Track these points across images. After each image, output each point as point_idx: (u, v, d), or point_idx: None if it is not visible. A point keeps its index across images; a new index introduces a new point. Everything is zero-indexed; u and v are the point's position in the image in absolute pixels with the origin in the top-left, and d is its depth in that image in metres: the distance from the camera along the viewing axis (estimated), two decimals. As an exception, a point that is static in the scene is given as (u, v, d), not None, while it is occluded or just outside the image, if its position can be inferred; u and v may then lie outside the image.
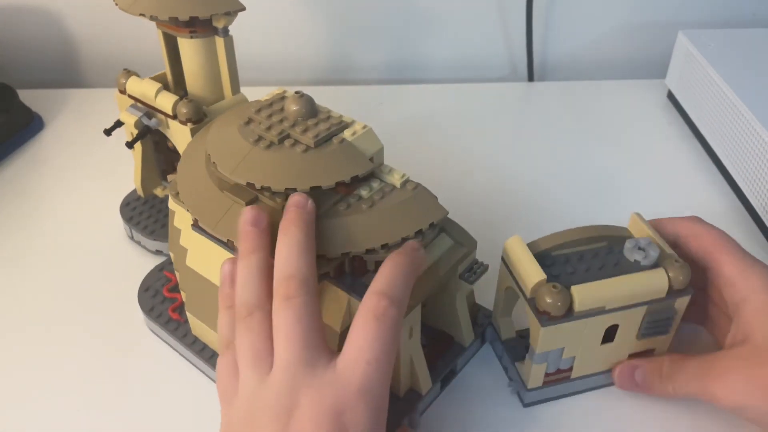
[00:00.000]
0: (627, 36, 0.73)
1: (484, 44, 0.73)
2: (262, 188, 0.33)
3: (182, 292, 0.40)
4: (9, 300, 0.46)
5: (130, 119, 0.44)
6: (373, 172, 0.35)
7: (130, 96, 0.45)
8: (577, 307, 0.33)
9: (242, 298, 0.30)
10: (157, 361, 0.41)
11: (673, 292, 0.34)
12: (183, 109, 0.42)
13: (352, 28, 0.73)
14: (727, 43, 0.60)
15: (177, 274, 0.40)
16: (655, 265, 0.34)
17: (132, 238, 0.49)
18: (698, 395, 0.34)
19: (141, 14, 0.40)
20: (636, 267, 0.34)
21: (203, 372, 0.40)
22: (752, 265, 0.34)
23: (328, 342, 0.29)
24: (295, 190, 0.32)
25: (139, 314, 0.43)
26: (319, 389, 0.27)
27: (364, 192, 0.34)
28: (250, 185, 0.33)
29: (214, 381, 0.38)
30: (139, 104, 0.45)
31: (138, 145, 0.48)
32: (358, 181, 0.34)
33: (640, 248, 0.34)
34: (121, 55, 0.73)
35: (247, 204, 0.33)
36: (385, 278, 0.30)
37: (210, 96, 0.45)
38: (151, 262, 0.46)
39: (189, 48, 0.43)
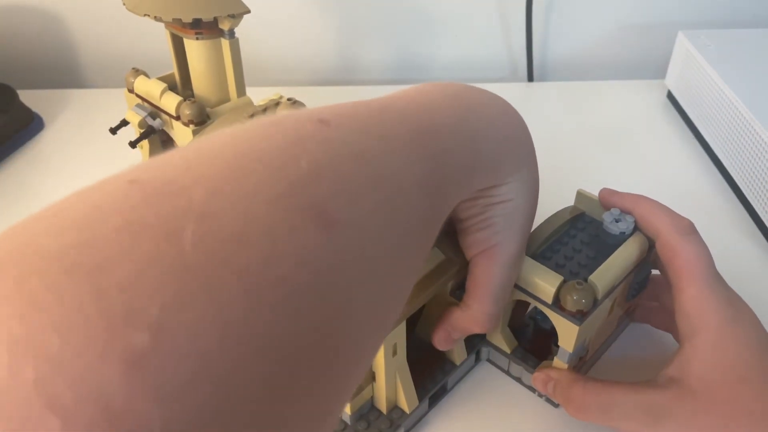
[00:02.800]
0: (627, 36, 0.73)
1: (484, 45, 0.73)
2: None
3: None
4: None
5: (134, 118, 0.44)
6: None
7: (137, 95, 0.46)
8: (600, 294, 0.33)
9: None
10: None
11: (649, 249, 0.36)
12: (186, 111, 0.42)
13: (354, 29, 0.73)
14: (726, 44, 0.61)
15: None
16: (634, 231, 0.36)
17: None
18: (618, 429, 0.33)
19: (146, 15, 0.41)
20: (621, 237, 0.35)
21: None
22: (713, 299, 0.32)
23: None
24: None
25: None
26: None
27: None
28: None
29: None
30: (145, 104, 0.45)
31: (146, 144, 0.48)
32: None
33: (617, 220, 0.35)
34: (121, 56, 0.73)
35: None
36: None
37: (215, 97, 0.45)
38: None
39: (195, 49, 0.43)
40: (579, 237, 0.36)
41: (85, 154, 0.60)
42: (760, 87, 0.54)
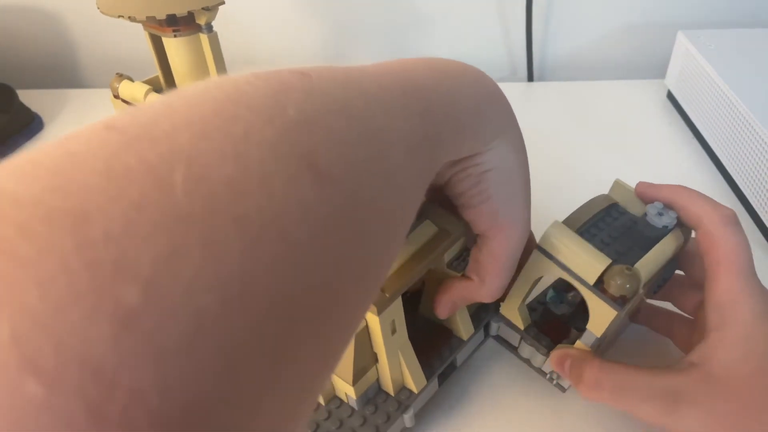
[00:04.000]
0: (627, 36, 0.73)
1: (483, 44, 0.73)
2: None
3: None
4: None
5: None
6: None
7: (123, 100, 0.45)
8: (642, 283, 0.32)
9: None
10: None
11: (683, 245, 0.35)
12: None
13: (350, 28, 0.73)
14: (726, 43, 0.60)
15: None
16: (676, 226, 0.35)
17: None
18: (634, 412, 0.31)
19: (120, 16, 0.40)
20: (663, 231, 0.34)
21: None
22: (748, 292, 0.31)
23: None
24: None
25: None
26: None
27: None
28: None
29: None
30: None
31: None
32: None
33: (660, 214, 0.34)
34: (121, 56, 0.73)
35: None
36: None
37: None
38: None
39: (174, 47, 0.43)
40: (614, 226, 0.35)
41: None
42: (760, 87, 0.54)
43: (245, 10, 0.69)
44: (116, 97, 0.46)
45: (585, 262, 0.32)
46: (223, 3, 0.42)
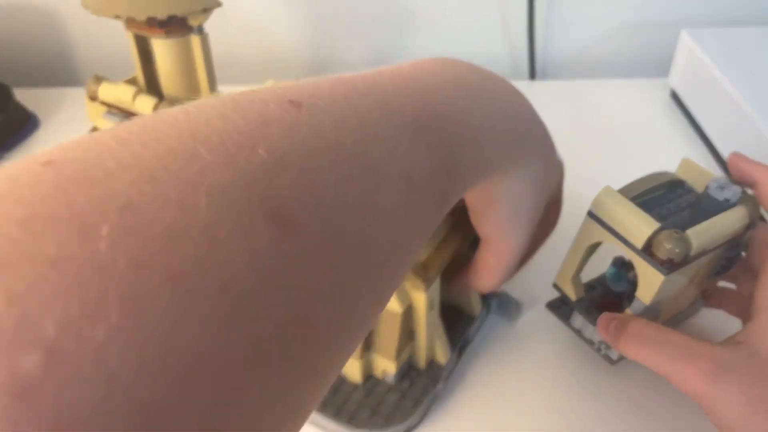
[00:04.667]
0: (630, 34, 0.73)
1: (485, 43, 0.73)
2: None
3: None
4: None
5: (109, 126, 0.43)
6: None
7: (103, 103, 0.44)
8: (694, 251, 0.31)
9: None
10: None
11: (750, 227, 0.34)
12: None
13: (346, 27, 0.72)
14: (730, 42, 0.60)
15: None
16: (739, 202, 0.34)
17: None
18: (671, 375, 0.29)
19: (116, 16, 0.39)
20: (724, 205, 0.33)
21: None
22: None
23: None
24: None
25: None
26: None
27: None
28: None
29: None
30: (113, 110, 0.44)
31: None
32: None
33: (722, 187, 0.33)
34: (117, 55, 0.72)
35: None
36: None
37: (186, 96, 0.45)
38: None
39: (164, 49, 0.43)
40: (676, 202, 0.35)
41: (81, 154, 0.60)
42: (764, 85, 0.53)
43: (234, 9, 0.69)
44: (93, 99, 0.45)
45: (633, 226, 0.32)
46: (220, 5, 0.42)
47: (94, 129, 0.44)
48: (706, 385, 0.28)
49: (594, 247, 0.35)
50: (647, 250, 0.32)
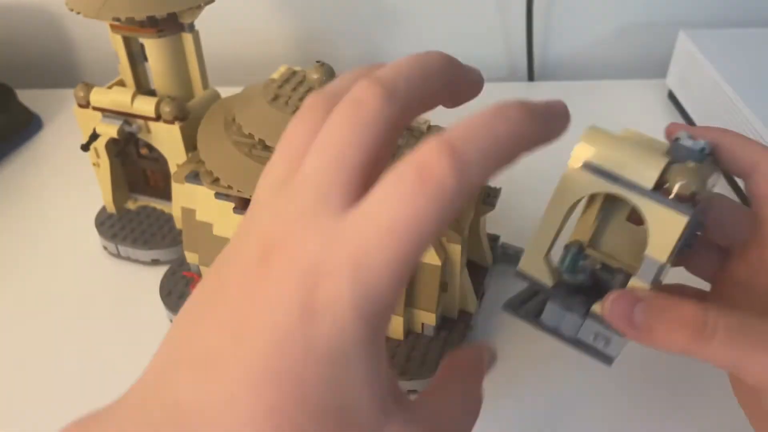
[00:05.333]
0: (627, 35, 0.73)
1: (483, 44, 0.73)
2: None
3: None
4: (10, 304, 0.46)
5: (109, 129, 0.43)
6: None
7: (95, 108, 0.44)
8: (708, 186, 0.25)
9: (333, 83, 0.22)
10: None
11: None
12: (167, 108, 0.42)
13: (339, 28, 0.72)
14: (728, 43, 0.60)
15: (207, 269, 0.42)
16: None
17: (119, 254, 0.48)
18: (745, 368, 0.22)
19: (115, 18, 0.39)
20: (702, 155, 0.27)
21: None
22: None
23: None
24: None
25: (155, 322, 0.43)
26: (311, 236, 0.18)
27: (399, 141, 0.38)
28: None
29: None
30: (108, 114, 0.44)
31: (105, 164, 0.47)
32: None
33: (691, 137, 0.28)
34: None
35: None
36: (462, 130, 0.19)
37: (180, 94, 0.45)
38: (148, 271, 0.47)
39: (156, 48, 0.43)
40: (656, 147, 0.29)
41: (83, 154, 0.60)
42: (762, 87, 0.54)
43: (223, 7, 0.69)
44: (83, 106, 0.45)
45: (639, 162, 0.26)
46: (213, 1, 0.42)
47: (94, 135, 0.44)
48: None
49: (572, 210, 0.28)
50: (660, 190, 0.25)
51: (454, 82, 0.23)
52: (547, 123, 0.21)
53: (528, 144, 0.20)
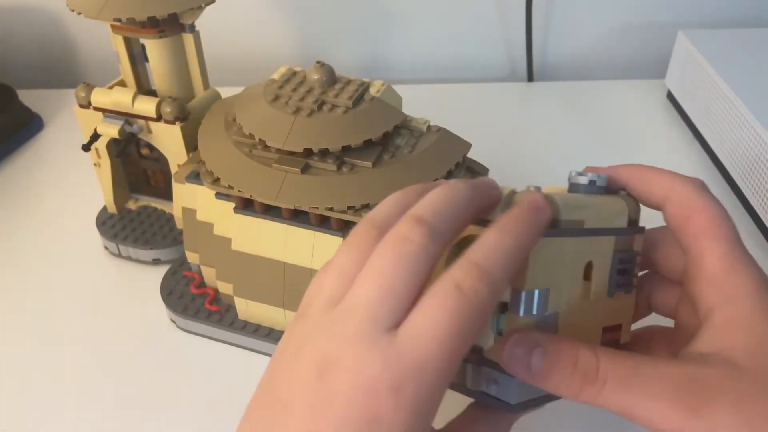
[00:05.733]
0: (627, 36, 0.73)
1: (483, 44, 0.73)
2: (313, 153, 0.36)
3: (220, 283, 0.41)
4: (11, 304, 0.46)
5: (111, 130, 0.43)
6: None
7: (96, 108, 0.44)
8: (563, 213, 0.25)
9: (379, 212, 0.25)
10: (205, 358, 0.41)
11: (632, 225, 0.29)
12: (168, 109, 0.42)
13: (340, 29, 0.72)
14: (727, 43, 0.60)
15: (209, 269, 0.42)
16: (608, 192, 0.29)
17: (120, 254, 0.48)
18: (633, 413, 0.23)
19: (116, 19, 0.40)
20: (592, 188, 0.29)
21: (262, 352, 0.41)
22: (746, 260, 0.26)
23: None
24: (350, 147, 0.36)
25: (156, 322, 0.43)
26: (369, 354, 0.21)
27: (399, 140, 0.38)
28: (306, 151, 0.36)
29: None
30: (109, 114, 0.44)
31: (106, 164, 0.47)
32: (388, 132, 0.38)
33: (581, 174, 0.29)
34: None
35: (302, 171, 0.36)
36: (483, 250, 0.22)
37: (181, 95, 0.45)
38: (149, 270, 0.47)
39: (157, 48, 0.43)
40: None
41: (84, 154, 0.60)
42: (761, 87, 0.54)
43: (224, 8, 0.69)
44: (83, 106, 0.45)
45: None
46: (214, 1, 0.42)
47: (95, 135, 0.44)
48: (688, 421, 0.22)
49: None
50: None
51: (480, 208, 0.25)
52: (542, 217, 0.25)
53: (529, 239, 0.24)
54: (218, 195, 0.39)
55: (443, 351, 0.21)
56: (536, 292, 0.25)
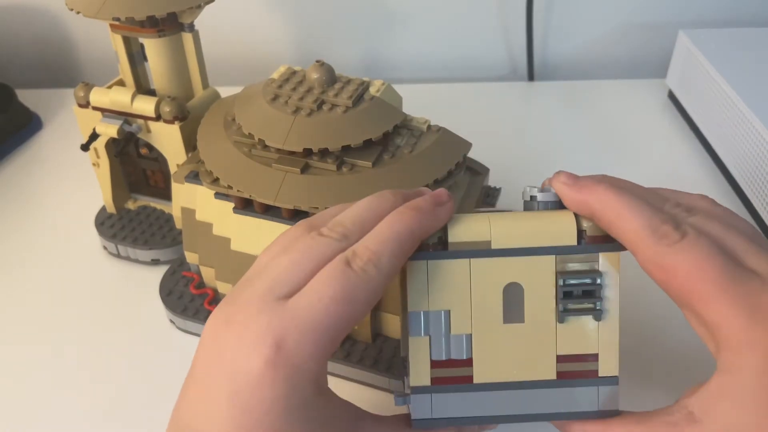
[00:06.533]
0: (628, 35, 0.73)
1: (484, 44, 0.73)
2: (312, 152, 0.36)
3: (220, 283, 0.41)
4: (10, 304, 0.46)
5: (109, 129, 0.43)
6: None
7: (95, 108, 0.44)
8: (451, 236, 0.26)
9: (338, 217, 0.27)
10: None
11: (589, 240, 0.26)
12: (167, 108, 0.42)
13: (343, 27, 0.72)
14: (728, 43, 0.60)
15: (208, 269, 0.41)
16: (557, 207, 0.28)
17: (119, 254, 0.48)
18: None
19: (115, 18, 0.39)
20: (534, 206, 0.28)
21: None
22: (738, 311, 0.23)
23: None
24: (350, 146, 0.36)
25: (155, 322, 0.43)
26: (257, 313, 0.24)
27: (399, 140, 0.38)
28: (306, 151, 0.36)
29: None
30: (109, 113, 0.44)
31: (105, 164, 0.47)
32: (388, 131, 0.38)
33: (531, 188, 0.28)
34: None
35: (302, 171, 0.36)
36: (377, 235, 0.25)
37: (180, 94, 0.45)
38: (148, 271, 0.47)
39: (156, 48, 0.43)
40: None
41: (83, 154, 0.60)
42: (762, 86, 0.54)
43: (223, 7, 0.69)
44: (83, 106, 0.45)
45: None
46: (213, 1, 0.42)
47: (94, 135, 0.44)
48: None
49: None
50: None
51: (425, 231, 0.27)
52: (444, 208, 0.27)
53: (428, 226, 0.26)
54: (217, 195, 0.38)
55: (326, 313, 0.23)
56: (422, 313, 0.26)
